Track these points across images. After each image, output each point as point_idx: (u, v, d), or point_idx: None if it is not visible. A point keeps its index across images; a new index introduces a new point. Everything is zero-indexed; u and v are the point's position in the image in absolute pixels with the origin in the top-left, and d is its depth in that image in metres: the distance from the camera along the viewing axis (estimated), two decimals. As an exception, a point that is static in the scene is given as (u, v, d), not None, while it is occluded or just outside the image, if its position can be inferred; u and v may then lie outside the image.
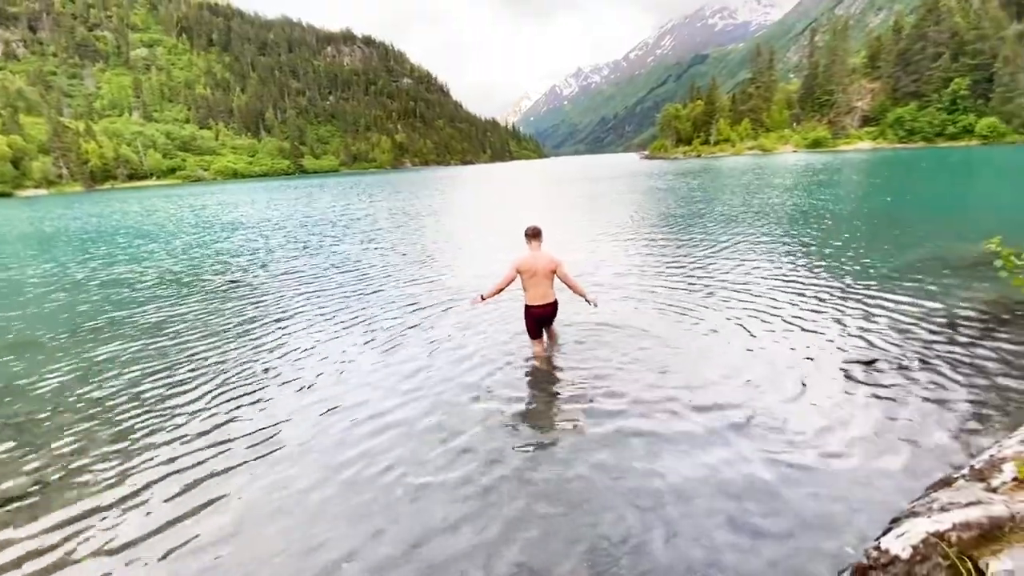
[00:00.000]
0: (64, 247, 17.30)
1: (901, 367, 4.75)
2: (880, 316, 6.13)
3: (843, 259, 9.19)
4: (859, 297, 6.91)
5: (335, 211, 25.14)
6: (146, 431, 4.37)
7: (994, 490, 2.20)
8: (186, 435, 4.25)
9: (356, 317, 7.28)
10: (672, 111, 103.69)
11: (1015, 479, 2.17)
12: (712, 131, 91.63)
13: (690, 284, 7.95)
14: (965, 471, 2.53)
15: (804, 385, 4.52)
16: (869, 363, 4.87)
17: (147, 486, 3.60)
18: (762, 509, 3.02)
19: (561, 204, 23.55)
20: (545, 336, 5.41)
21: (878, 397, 4.24)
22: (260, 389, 5.07)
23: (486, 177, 62.37)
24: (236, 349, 6.26)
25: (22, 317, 8.35)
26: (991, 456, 2.46)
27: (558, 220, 17.24)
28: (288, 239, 16.04)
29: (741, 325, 6.05)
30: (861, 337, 5.51)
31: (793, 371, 4.80)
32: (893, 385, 4.42)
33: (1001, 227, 5.17)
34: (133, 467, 3.85)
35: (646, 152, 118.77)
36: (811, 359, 5.04)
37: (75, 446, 4.19)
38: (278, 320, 7.37)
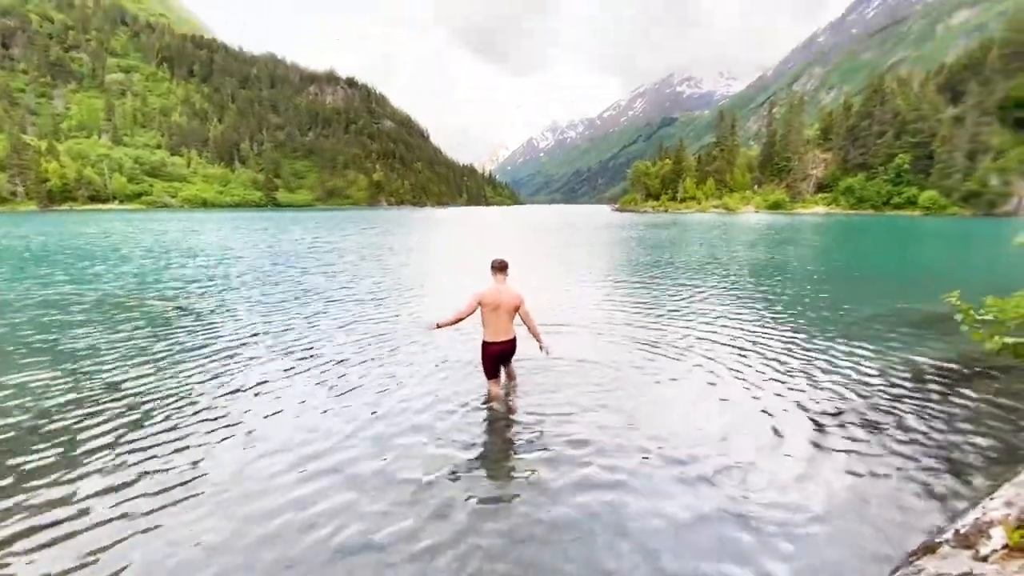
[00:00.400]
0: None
1: (868, 421, 4.64)
2: (846, 369, 6.10)
3: (808, 312, 9.32)
4: (824, 348, 6.90)
5: (303, 244, 24.55)
6: (41, 473, 3.78)
7: (984, 559, 1.99)
8: (87, 488, 3.66)
9: (308, 352, 6.81)
10: (642, 168, 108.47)
11: (1006, 546, 1.97)
12: (679, 188, 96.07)
13: (659, 331, 7.83)
14: (948, 535, 2.32)
15: (775, 438, 4.33)
16: (836, 415, 4.75)
17: (33, 550, 3.04)
18: (732, 575, 2.73)
19: (538, 250, 23.60)
20: (503, 375, 5.10)
21: (848, 452, 4.08)
22: (185, 427, 4.53)
23: (461, 219, 62.81)
24: (168, 381, 5.68)
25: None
26: (976, 520, 2.27)
27: (535, 265, 17.10)
28: (248, 268, 15.38)
29: (710, 373, 5.90)
30: (830, 390, 5.41)
31: (761, 423, 4.62)
32: (862, 440, 4.28)
33: (951, 288, 5.25)
34: (20, 519, 3.27)
35: (617, 205, 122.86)
36: (780, 410, 4.88)
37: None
38: (223, 351, 6.82)
